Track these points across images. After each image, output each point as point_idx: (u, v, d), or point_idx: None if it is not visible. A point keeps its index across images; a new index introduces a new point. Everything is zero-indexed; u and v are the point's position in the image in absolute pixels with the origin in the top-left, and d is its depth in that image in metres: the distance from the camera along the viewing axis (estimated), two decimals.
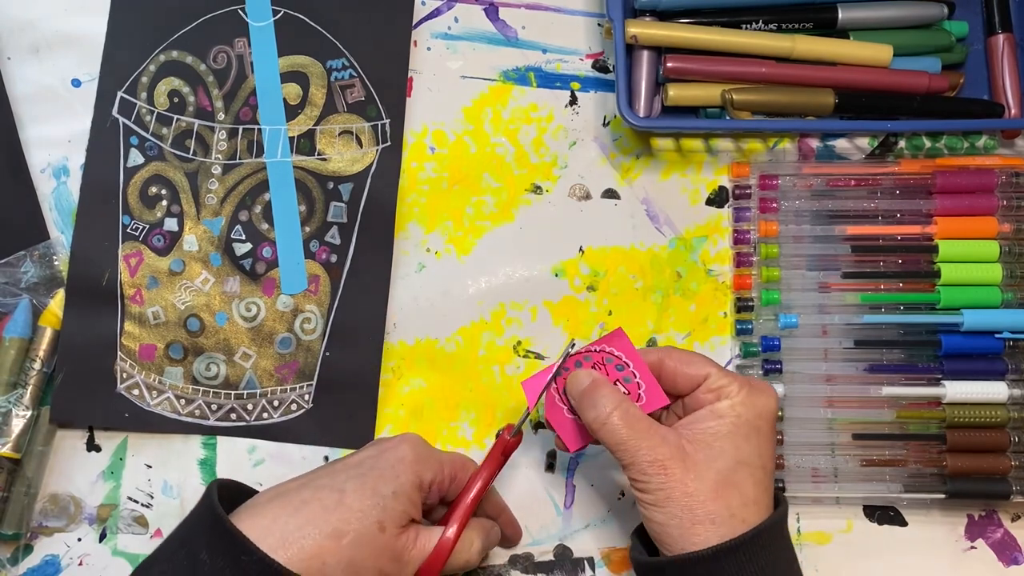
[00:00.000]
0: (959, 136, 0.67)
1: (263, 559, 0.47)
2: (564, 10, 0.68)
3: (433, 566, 0.52)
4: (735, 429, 0.51)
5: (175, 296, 0.63)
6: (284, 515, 0.49)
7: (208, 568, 0.47)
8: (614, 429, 0.51)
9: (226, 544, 0.47)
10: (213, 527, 0.48)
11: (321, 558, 0.48)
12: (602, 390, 0.53)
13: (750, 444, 0.51)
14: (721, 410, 0.51)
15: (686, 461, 0.50)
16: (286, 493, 0.51)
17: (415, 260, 0.65)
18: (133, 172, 0.64)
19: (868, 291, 0.63)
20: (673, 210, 0.66)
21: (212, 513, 0.48)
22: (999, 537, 0.62)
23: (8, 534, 0.60)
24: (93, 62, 0.65)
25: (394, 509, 0.51)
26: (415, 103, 0.67)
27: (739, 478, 0.50)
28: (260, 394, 0.62)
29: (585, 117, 0.67)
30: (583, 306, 0.65)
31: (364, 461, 0.53)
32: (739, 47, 0.64)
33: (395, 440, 0.54)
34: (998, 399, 0.61)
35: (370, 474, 0.51)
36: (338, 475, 0.52)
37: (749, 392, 0.52)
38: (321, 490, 0.51)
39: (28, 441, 0.60)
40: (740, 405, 0.51)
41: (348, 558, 0.49)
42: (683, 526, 0.49)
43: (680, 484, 0.49)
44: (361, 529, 0.49)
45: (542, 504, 0.62)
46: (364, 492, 0.50)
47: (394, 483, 0.51)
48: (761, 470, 0.51)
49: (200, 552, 0.48)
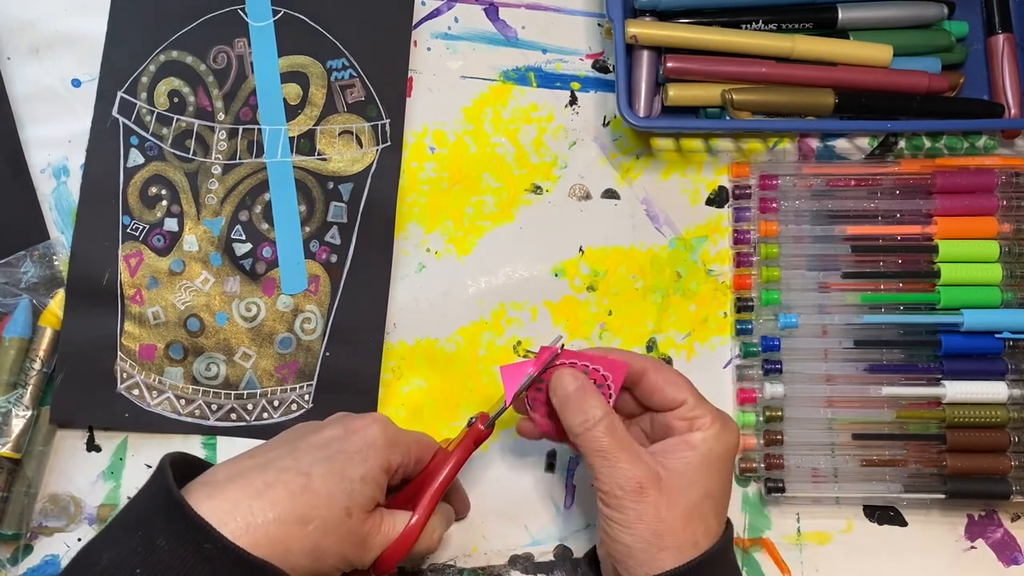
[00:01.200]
0: (959, 136, 0.67)
1: (227, 546, 0.45)
2: (564, 10, 0.68)
3: (398, 552, 0.51)
4: (706, 463, 0.51)
5: (175, 296, 0.63)
6: (247, 498, 0.47)
7: (167, 555, 0.45)
8: (597, 438, 0.51)
9: (187, 530, 0.45)
10: (171, 511, 0.46)
11: (285, 544, 0.47)
12: (591, 398, 0.52)
13: (717, 478, 0.51)
14: (694, 442, 0.51)
15: (660, 486, 0.49)
16: (246, 473, 0.49)
17: (415, 260, 0.65)
18: (133, 172, 0.64)
19: (868, 291, 0.63)
20: (673, 210, 0.66)
21: (169, 496, 0.46)
22: (999, 537, 0.62)
23: (8, 534, 0.60)
24: (93, 62, 0.65)
25: (361, 494, 0.49)
26: (415, 103, 0.67)
27: (705, 510, 0.50)
28: (260, 394, 0.62)
29: (585, 117, 0.67)
30: (583, 306, 0.65)
31: (331, 442, 0.51)
32: (739, 47, 0.64)
33: (364, 420, 0.52)
34: (998, 399, 0.61)
35: (337, 457, 0.50)
36: (302, 456, 0.50)
37: (721, 428, 0.52)
38: (286, 472, 0.49)
39: (28, 441, 0.60)
40: (713, 439, 0.51)
41: (313, 544, 0.48)
42: (649, 551, 0.49)
43: (654, 508, 0.49)
44: (327, 515, 0.48)
45: (542, 504, 0.62)
46: (331, 477, 0.49)
47: (363, 467, 0.50)
48: (723, 502, 0.52)
49: (157, 538, 0.45)
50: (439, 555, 0.61)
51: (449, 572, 0.61)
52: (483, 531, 0.61)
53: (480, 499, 0.62)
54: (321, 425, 0.53)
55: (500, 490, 0.62)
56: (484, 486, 0.62)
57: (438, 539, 0.54)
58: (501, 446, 0.62)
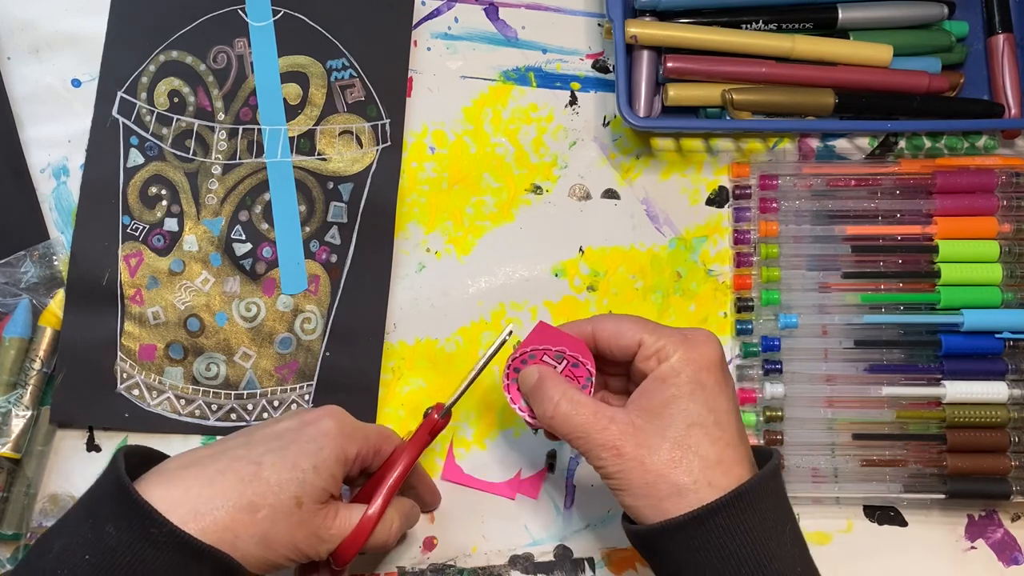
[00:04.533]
0: (959, 136, 0.67)
1: (173, 531, 0.45)
2: (564, 10, 0.68)
3: (353, 544, 0.51)
4: (679, 392, 0.49)
5: (175, 296, 0.63)
6: (197, 486, 0.47)
7: (115, 541, 0.45)
8: (563, 419, 0.50)
9: (134, 516, 0.45)
10: (120, 498, 0.46)
11: (234, 531, 0.47)
12: (546, 383, 0.52)
13: (697, 403, 0.49)
14: (662, 375, 0.49)
15: (638, 437, 0.48)
16: (199, 462, 0.49)
17: (415, 260, 0.65)
18: (133, 172, 0.64)
19: (868, 291, 0.63)
20: (673, 210, 0.66)
21: (118, 484, 0.46)
22: (999, 537, 0.62)
23: (8, 534, 0.59)
24: (93, 62, 0.65)
25: (313, 484, 0.49)
26: (415, 103, 0.67)
27: (693, 441, 0.48)
28: (260, 394, 0.62)
29: (585, 117, 0.67)
30: (583, 306, 0.65)
31: (284, 433, 0.51)
32: (739, 47, 0.64)
33: (318, 412, 0.52)
34: (998, 399, 0.61)
35: (290, 447, 0.50)
36: (256, 446, 0.50)
37: (686, 348, 0.49)
38: (238, 461, 0.49)
39: (28, 441, 0.60)
40: (679, 363, 0.49)
41: (262, 532, 0.48)
42: (652, 504, 0.47)
43: (636, 463, 0.48)
44: (277, 504, 0.48)
45: (542, 504, 0.62)
46: (283, 465, 0.49)
47: (315, 457, 0.50)
48: (716, 427, 0.48)
49: (106, 524, 0.46)
50: (440, 555, 0.61)
51: (449, 572, 0.61)
52: (483, 531, 0.61)
53: (480, 499, 0.62)
54: (277, 419, 0.54)
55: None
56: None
57: (397, 531, 0.54)
58: (501, 446, 0.62)
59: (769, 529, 0.47)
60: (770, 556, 0.46)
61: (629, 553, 0.61)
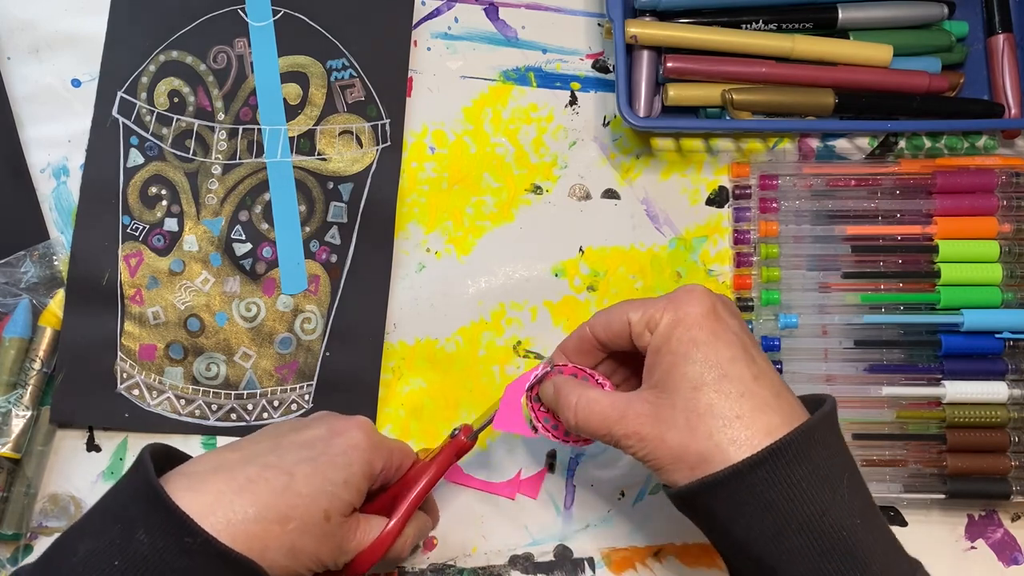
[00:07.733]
0: (959, 136, 0.67)
1: (208, 540, 0.44)
2: (564, 10, 0.68)
3: (371, 557, 0.51)
4: (675, 358, 0.47)
5: (175, 296, 0.63)
6: (229, 492, 0.47)
7: (147, 548, 0.44)
8: (584, 420, 0.50)
9: (168, 523, 0.45)
10: (152, 504, 0.45)
11: (264, 541, 0.47)
12: (562, 390, 0.51)
13: (695, 364, 0.47)
14: (656, 345, 0.48)
15: (654, 416, 0.47)
16: (228, 466, 0.48)
17: (415, 260, 0.65)
18: (133, 172, 0.64)
19: (868, 291, 0.63)
20: (673, 210, 0.66)
21: (151, 488, 0.45)
22: (999, 537, 0.62)
23: (8, 534, 0.60)
24: (93, 62, 0.65)
25: (341, 498, 0.49)
26: (415, 103, 0.67)
27: (703, 405, 0.46)
28: (260, 394, 0.62)
29: (585, 117, 0.67)
30: (583, 306, 0.65)
31: (315, 443, 0.51)
32: (739, 47, 0.64)
33: (347, 423, 0.53)
34: (998, 399, 0.61)
35: (321, 459, 0.50)
36: (286, 454, 0.50)
37: (671, 309, 0.48)
38: (269, 469, 0.48)
39: (28, 441, 0.60)
40: (667, 328, 0.48)
41: (290, 543, 0.47)
42: (686, 475, 0.46)
43: (659, 443, 0.47)
44: (307, 517, 0.48)
45: (542, 504, 0.62)
46: (315, 478, 0.49)
47: (346, 471, 0.50)
48: (724, 381, 0.46)
49: (137, 531, 0.45)
50: (439, 555, 0.61)
51: (449, 572, 0.61)
52: (483, 531, 0.61)
53: (480, 499, 0.62)
54: (305, 423, 0.53)
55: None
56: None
57: (410, 547, 0.54)
58: (501, 446, 0.62)
59: (821, 480, 0.45)
60: (822, 510, 0.44)
61: (629, 553, 0.61)
